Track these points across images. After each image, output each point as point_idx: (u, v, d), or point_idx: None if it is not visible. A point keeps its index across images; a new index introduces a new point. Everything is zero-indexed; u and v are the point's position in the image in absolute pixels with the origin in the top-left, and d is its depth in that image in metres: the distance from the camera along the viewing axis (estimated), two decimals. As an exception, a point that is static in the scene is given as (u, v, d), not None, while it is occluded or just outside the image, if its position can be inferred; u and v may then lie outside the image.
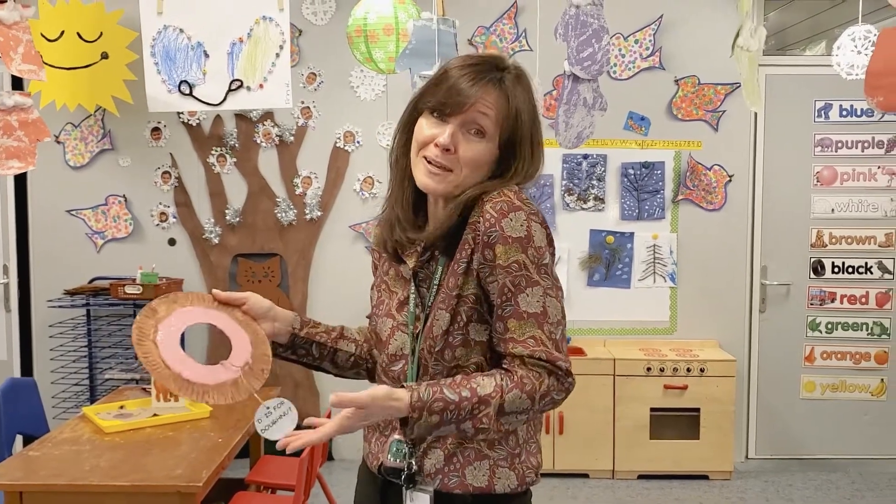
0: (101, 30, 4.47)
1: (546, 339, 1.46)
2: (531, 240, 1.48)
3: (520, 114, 1.55)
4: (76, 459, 2.99)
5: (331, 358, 1.76)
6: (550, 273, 1.50)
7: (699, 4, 4.94)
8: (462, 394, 1.44)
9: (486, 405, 1.43)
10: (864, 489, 4.72)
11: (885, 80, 2.31)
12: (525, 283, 1.47)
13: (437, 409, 1.43)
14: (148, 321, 1.61)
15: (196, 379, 1.57)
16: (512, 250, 1.47)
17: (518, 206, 1.49)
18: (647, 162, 5.02)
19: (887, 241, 5.05)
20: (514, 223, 1.48)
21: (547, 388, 1.45)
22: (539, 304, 1.47)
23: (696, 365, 4.73)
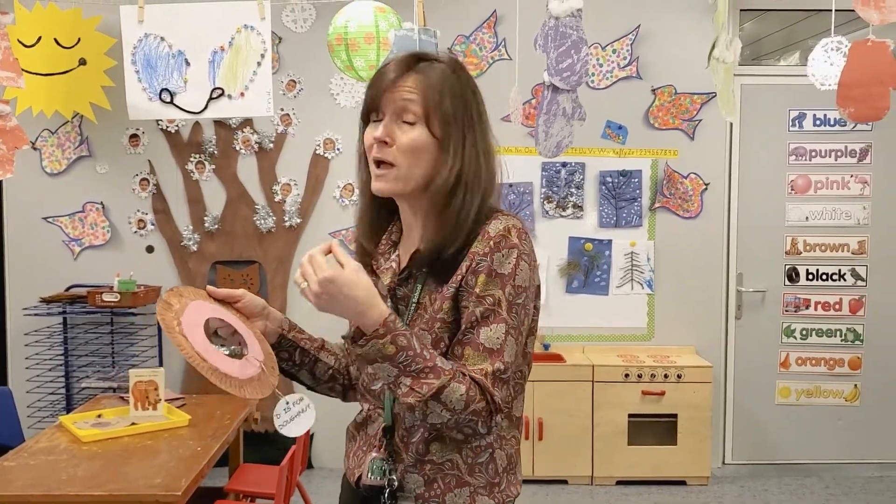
0: (78, 36, 4.45)
1: (491, 374, 1.46)
2: (513, 278, 1.49)
3: (444, 96, 1.54)
4: (53, 469, 2.96)
5: (310, 367, 1.75)
6: (520, 314, 1.51)
7: (675, 15, 4.99)
8: (423, 353, 1.43)
9: (436, 375, 1.42)
10: (838, 493, 4.78)
11: (857, 91, 2.36)
12: (492, 318, 1.48)
13: (399, 343, 1.42)
14: (168, 314, 1.60)
15: (232, 373, 1.56)
16: (492, 284, 1.48)
17: (514, 244, 1.50)
18: (625, 170, 5.07)
19: (860, 248, 5.13)
20: (504, 259, 1.49)
21: (480, 408, 1.45)
22: (498, 340, 1.47)
23: (673, 371, 4.77)
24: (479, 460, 1.55)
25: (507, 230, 1.51)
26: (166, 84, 3.08)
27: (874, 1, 2.26)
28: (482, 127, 1.59)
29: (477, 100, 1.61)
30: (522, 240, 1.52)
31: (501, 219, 1.53)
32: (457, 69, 1.61)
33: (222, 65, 3.03)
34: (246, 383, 1.55)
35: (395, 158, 1.55)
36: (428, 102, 1.53)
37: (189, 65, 3.06)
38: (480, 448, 1.55)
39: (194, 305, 1.65)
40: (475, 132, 1.57)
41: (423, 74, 1.55)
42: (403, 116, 1.54)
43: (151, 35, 3.05)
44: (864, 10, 2.31)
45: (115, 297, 4.60)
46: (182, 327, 1.58)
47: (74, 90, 4.48)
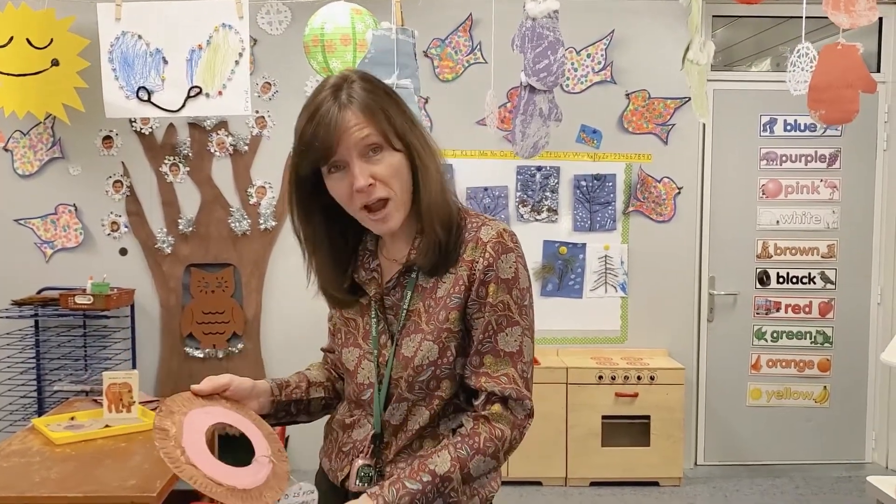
0: (51, 36, 4.40)
1: (518, 378, 1.53)
2: (517, 281, 1.54)
3: (384, 110, 1.54)
4: (25, 471, 2.93)
5: (306, 410, 1.78)
6: (528, 314, 1.56)
7: (649, 21, 5.05)
8: (423, 479, 1.47)
9: (449, 482, 1.48)
10: (808, 493, 4.84)
11: (826, 94, 2.41)
12: (506, 323, 1.53)
13: (405, 501, 1.46)
14: (168, 444, 1.52)
15: (249, 485, 1.52)
16: (501, 290, 1.53)
17: (510, 249, 1.54)
18: (599, 174, 5.11)
19: (829, 252, 5.21)
20: (505, 264, 1.53)
21: (510, 444, 1.53)
22: (517, 343, 1.54)
23: (646, 373, 4.81)
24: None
25: (500, 235, 1.54)
26: (143, 82, 3.07)
27: (844, 5, 2.31)
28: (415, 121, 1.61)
29: (398, 98, 1.60)
30: (515, 243, 1.56)
31: (489, 224, 1.57)
32: (368, 80, 1.58)
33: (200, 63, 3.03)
34: (265, 488, 1.52)
35: (387, 192, 1.54)
36: (380, 125, 1.52)
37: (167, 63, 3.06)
38: None
39: (189, 421, 1.58)
40: (417, 128, 1.59)
41: (355, 103, 1.52)
42: (367, 150, 1.52)
43: (129, 33, 3.03)
44: (835, 14, 2.36)
45: (88, 299, 4.56)
46: (188, 455, 1.51)
47: (47, 91, 4.43)
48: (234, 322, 5.00)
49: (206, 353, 5.01)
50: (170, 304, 5.01)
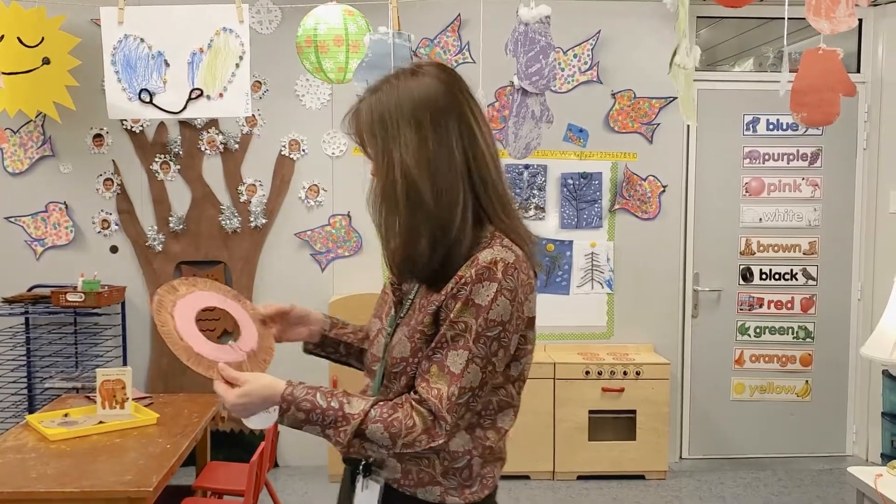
0: (42, 35, 4.42)
1: (445, 398, 1.52)
2: (488, 311, 1.52)
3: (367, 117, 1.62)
4: (21, 467, 2.97)
5: (357, 356, 1.89)
6: (490, 346, 1.54)
7: (635, 22, 5.12)
8: (331, 403, 1.55)
9: (346, 422, 1.54)
10: (790, 486, 4.94)
11: (809, 97, 2.48)
12: (460, 344, 1.53)
13: (304, 407, 1.55)
14: (168, 296, 1.70)
15: (206, 354, 1.65)
16: (467, 312, 1.53)
17: (496, 278, 1.53)
18: (586, 172, 5.18)
19: (811, 249, 5.30)
20: (483, 291, 1.52)
21: (413, 439, 1.53)
22: (461, 366, 1.53)
23: (632, 368, 4.89)
24: (456, 465, 1.62)
25: (494, 262, 1.53)
26: (146, 84, 3.11)
27: (825, 11, 2.39)
28: (412, 136, 1.57)
29: (400, 110, 1.58)
30: (507, 275, 1.53)
31: (496, 249, 1.55)
32: (379, 88, 1.63)
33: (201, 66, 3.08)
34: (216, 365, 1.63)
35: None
36: (359, 131, 1.63)
37: (168, 66, 3.10)
38: (458, 454, 1.62)
39: (201, 294, 1.74)
40: (402, 145, 1.57)
41: (355, 111, 1.64)
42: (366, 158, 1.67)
43: (131, 36, 3.07)
44: (816, 20, 2.43)
45: (79, 297, 4.58)
46: (175, 308, 1.67)
47: (38, 89, 4.45)
48: (224, 319, 5.02)
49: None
50: (160, 301, 5.03)
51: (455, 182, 1.56)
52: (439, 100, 1.59)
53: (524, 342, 1.62)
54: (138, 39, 3.07)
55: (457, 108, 1.60)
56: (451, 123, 1.58)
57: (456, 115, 1.59)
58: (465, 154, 1.58)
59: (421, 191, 1.55)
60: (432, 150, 1.56)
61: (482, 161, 1.60)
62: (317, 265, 5.11)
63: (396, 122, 1.57)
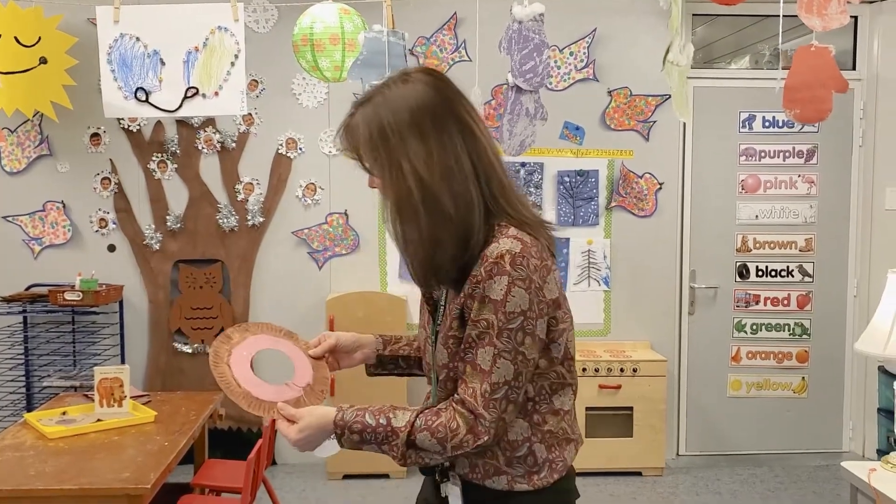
0: (39, 34, 4.43)
1: (480, 396, 1.56)
2: (505, 304, 1.54)
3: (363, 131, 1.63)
4: (20, 465, 2.98)
5: (418, 366, 1.94)
6: (516, 337, 1.56)
7: (630, 19, 5.13)
8: (379, 420, 1.60)
9: (396, 436, 1.58)
10: (787, 482, 4.95)
11: (801, 94, 2.50)
12: (486, 341, 1.56)
13: (356, 429, 1.61)
14: (223, 346, 1.80)
15: (263, 397, 1.73)
16: (486, 309, 1.55)
17: (505, 271, 1.54)
18: (582, 170, 5.20)
19: (807, 245, 5.32)
20: (496, 286, 1.55)
21: (460, 441, 1.56)
22: (489, 362, 1.56)
23: (629, 365, 4.90)
24: (518, 454, 1.65)
25: (501, 256, 1.54)
26: (141, 83, 3.13)
27: (816, 9, 2.40)
28: (418, 144, 1.59)
29: (399, 119, 1.59)
30: (516, 265, 1.55)
31: (502, 242, 1.56)
32: (370, 99, 1.65)
33: (197, 65, 3.09)
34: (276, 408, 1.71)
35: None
36: (357, 146, 1.64)
37: (164, 64, 3.12)
38: (518, 443, 1.65)
39: (254, 339, 1.85)
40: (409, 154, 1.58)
41: (347, 126, 1.66)
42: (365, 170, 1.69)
43: (127, 35, 3.09)
44: (808, 17, 2.45)
45: (76, 295, 4.59)
46: (231, 357, 1.78)
47: (35, 89, 4.46)
48: (222, 317, 5.05)
49: (195, 348, 5.06)
50: (158, 299, 5.05)
51: (467, 184, 1.58)
52: (436, 104, 1.60)
53: (555, 323, 1.63)
54: (134, 38, 3.09)
55: (454, 111, 1.62)
56: (451, 126, 1.60)
57: (454, 118, 1.61)
58: (470, 155, 1.60)
59: (439, 198, 1.56)
60: (441, 155, 1.58)
61: (486, 159, 1.62)
62: (314, 263, 5.12)
63: (398, 132, 1.58)
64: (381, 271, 5.15)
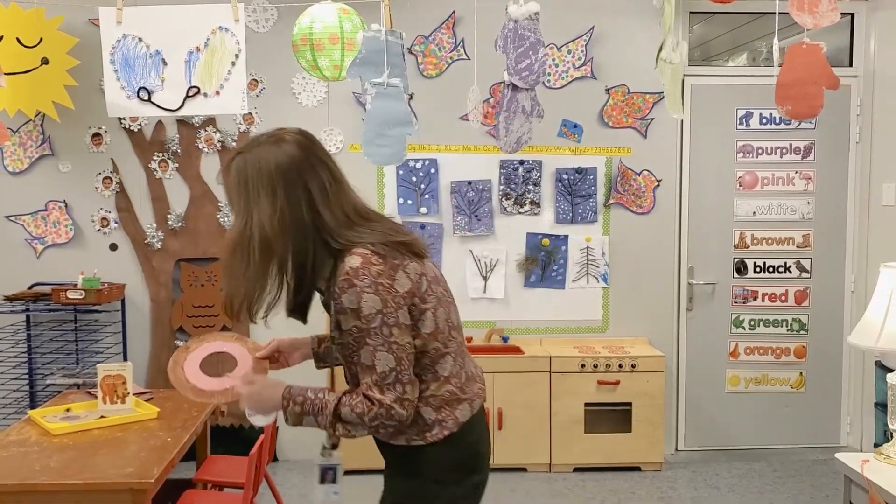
0: (40, 35, 4.47)
1: (374, 386, 1.91)
2: (360, 311, 1.89)
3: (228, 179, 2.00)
4: (25, 460, 3.01)
5: None
6: (381, 332, 1.90)
7: (628, 18, 5.16)
8: (318, 395, 1.97)
9: (326, 408, 1.94)
10: (784, 477, 4.99)
11: (793, 90, 2.53)
12: (361, 343, 1.91)
13: (298, 401, 1.97)
14: (181, 355, 2.23)
15: (205, 387, 2.16)
16: (349, 319, 1.91)
17: (352, 285, 1.88)
18: (580, 167, 5.23)
19: (805, 241, 5.35)
20: (349, 298, 1.89)
21: (374, 415, 1.91)
22: (370, 358, 1.91)
23: (627, 361, 4.94)
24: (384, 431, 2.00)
25: (346, 273, 1.89)
26: (144, 83, 3.17)
27: (808, 6, 2.44)
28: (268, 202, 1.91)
29: (259, 177, 1.92)
30: (359, 277, 1.88)
31: (343, 263, 1.91)
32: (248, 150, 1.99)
33: (198, 64, 3.14)
34: (217, 393, 2.16)
35: None
36: (226, 187, 2.02)
37: (166, 64, 3.16)
38: None
39: (207, 346, 2.26)
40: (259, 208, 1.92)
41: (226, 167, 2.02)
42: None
43: (129, 36, 3.13)
44: (799, 15, 2.48)
45: (79, 294, 4.63)
46: (185, 362, 2.20)
47: (37, 89, 4.50)
48: (223, 315, 5.07)
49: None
50: (160, 298, 5.09)
51: (304, 236, 1.93)
52: (293, 168, 1.94)
53: (417, 307, 1.96)
54: (136, 39, 3.13)
55: (309, 172, 1.94)
56: (299, 189, 1.93)
57: (306, 179, 1.94)
58: (313, 209, 1.93)
59: (273, 247, 1.92)
60: (283, 213, 1.91)
61: (328, 208, 1.94)
62: (315, 261, 5.14)
63: (256, 188, 1.93)
64: (381, 269, 5.17)
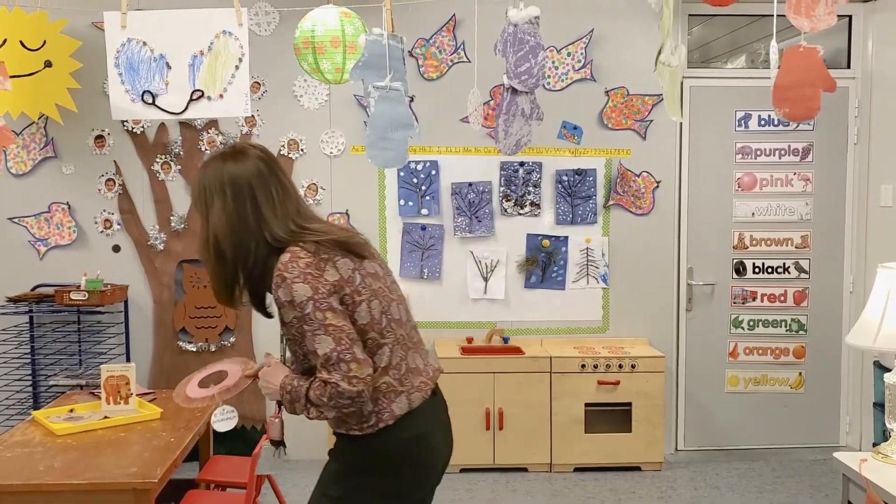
0: (44, 38, 4.49)
1: (322, 368, 2.10)
2: (293, 300, 2.10)
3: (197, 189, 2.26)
4: (29, 461, 3.04)
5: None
6: (315, 316, 2.09)
7: (627, 20, 5.19)
8: (298, 383, 2.17)
9: (301, 392, 2.15)
10: (783, 476, 5.01)
11: (790, 93, 2.56)
12: (302, 333, 2.12)
13: (287, 389, 2.19)
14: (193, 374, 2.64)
15: (192, 395, 2.52)
16: (288, 311, 2.12)
17: (283, 279, 2.11)
18: (580, 169, 5.25)
19: (803, 242, 5.38)
20: (282, 291, 2.11)
21: (329, 395, 2.09)
22: (312, 343, 2.11)
23: (627, 362, 4.96)
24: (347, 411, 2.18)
25: (277, 270, 2.12)
26: (148, 86, 3.20)
27: (805, 10, 2.47)
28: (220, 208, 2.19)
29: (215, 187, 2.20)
30: (289, 269, 2.11)
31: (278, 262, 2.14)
32: (212, 162, 2.27)
33: (202, 68, 3.17)
34: (198, 400, 2.52)
35: None
36: (193, 195, 2.29)
37: (170, 68, 3.19)
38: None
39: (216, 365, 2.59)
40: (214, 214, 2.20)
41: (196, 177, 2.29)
42: None
43: (134, 40, 3.16)
44: (796, 18, 2.51)
45: (82, 295, 4.66)
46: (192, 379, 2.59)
47: (40, 92, 4.52)
48: (225, 316, 5.11)
49: (199, 346, 5.12)
50: (163, 299, 5.12)
51: (247, 238, 2.18)
52: (244, 178, 2.20)
53: (350, 297, 2.16)
54: (141, 43, 3.16)
55: (258, 182, 2.20)
56: (247, 197, 2.19)
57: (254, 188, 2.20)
58: (258, 214, 2.19)
59: (222, 247, 2.19)
60: (231, 218, 2.19)
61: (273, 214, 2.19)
62: (316, 263, 5.17)
63: (212, 196, 2.21)
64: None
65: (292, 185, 2.29)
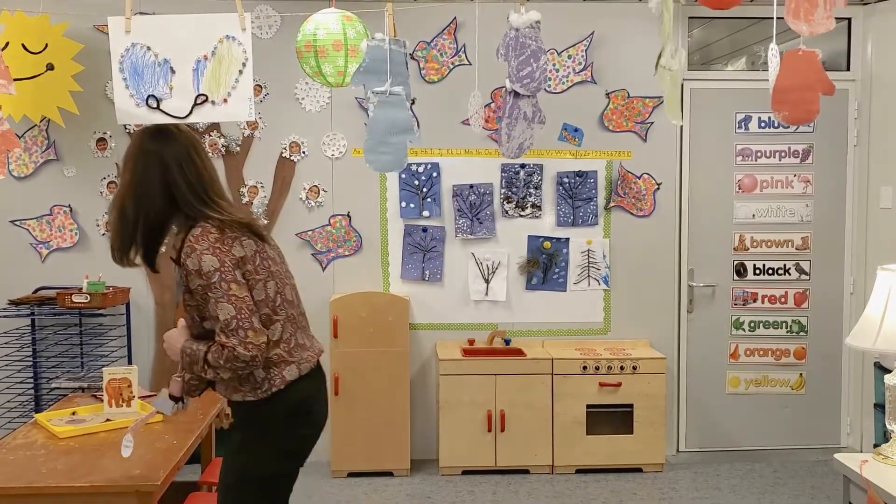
0: (46, 41, 4.51)
1: (221, 333, 2.35)
2: (201, 270, 2.35)
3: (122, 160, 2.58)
4: (32, 463, 3.04)
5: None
6: (220, 286, 2.33)
7: (628, 22, 5.20)
8: (197, 346, 2.42)
9: (197, 355, 2.40)
10: (785, 477, 5.02)
11: (789, 95, 2.57)
12: (206, 300, 2.36)
13: (187, 353, 2.45)
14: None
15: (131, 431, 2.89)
16: (194, 279, 2.37)
17: (193, 250, 2.36)
18: (581, 171, 5.26)
19: (804, 244, 5.39)
20: (191, 261, 2.36)
21: (226, 358, 2.33)
22: (215, 310, 2.35)
23: (628, 363, 4.97)
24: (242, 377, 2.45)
25: (189, 241, 2.37)
26: (153, 91, 3.22)
27: (804, 14, 2.48)
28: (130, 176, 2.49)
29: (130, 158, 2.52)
30: (199, 241, 2.37)
31: (194, 229, 2.40)
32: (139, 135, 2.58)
33: (206, 73, 3.18)
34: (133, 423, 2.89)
35: None
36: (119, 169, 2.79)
37: (174, 73, 3.20)
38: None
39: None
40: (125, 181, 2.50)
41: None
42: None
43: (138, 45, 3.17)
44: (795, 22, 2.52)
45: (84, 298, 4.66)
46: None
47: (42, 95, 4.54)
48: (227, 318, 5.11)
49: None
50: (164, 301, 5.12)
51: (153, 205, 2.45)
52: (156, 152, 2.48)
53: (251, 273, 2.42)
54: (145, 48, 3.17)
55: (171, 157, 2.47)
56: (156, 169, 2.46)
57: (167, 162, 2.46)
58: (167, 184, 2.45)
59: (126, 211, 2.46)
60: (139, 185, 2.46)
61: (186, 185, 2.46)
62: (318, 265, 5.20)
63: (126, 164, 2.53)
64: (384, 272, 5.22)
65: (210, 165, 2.59)
